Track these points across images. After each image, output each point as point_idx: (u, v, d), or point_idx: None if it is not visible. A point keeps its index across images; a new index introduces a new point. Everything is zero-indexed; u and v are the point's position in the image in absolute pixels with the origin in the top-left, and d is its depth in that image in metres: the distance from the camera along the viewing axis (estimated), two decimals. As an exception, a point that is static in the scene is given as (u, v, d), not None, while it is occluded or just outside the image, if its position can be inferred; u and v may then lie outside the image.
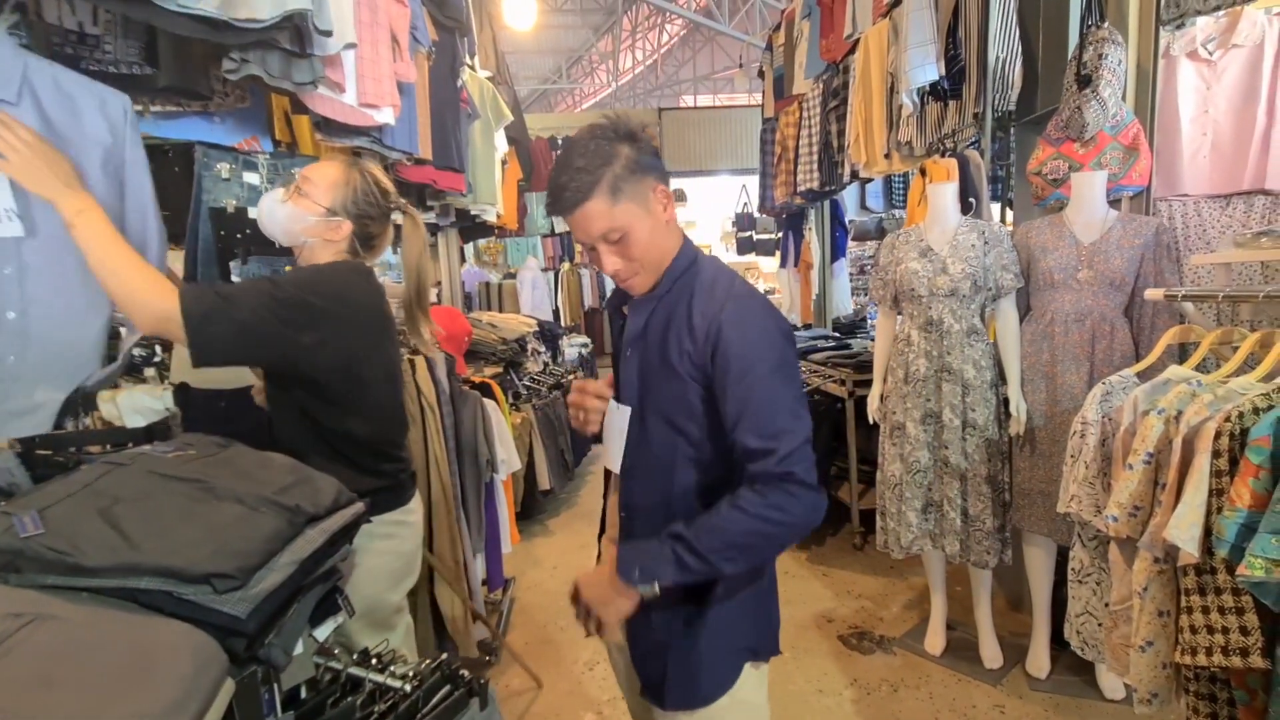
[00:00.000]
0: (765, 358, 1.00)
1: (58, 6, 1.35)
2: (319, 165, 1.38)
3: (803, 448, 0.99)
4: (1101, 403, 1.60)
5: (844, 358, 3.57)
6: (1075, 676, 2.25)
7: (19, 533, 0.75)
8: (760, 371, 1.00)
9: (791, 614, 2.81)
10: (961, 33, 2.63)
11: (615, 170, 1.00)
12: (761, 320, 1.04)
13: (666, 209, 1.08)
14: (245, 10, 1.30)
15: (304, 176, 1.35)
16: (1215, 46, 2.33)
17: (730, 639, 1.10)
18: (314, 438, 1.27)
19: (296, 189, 1.34)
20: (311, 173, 1.36)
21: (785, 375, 1.02)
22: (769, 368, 1.00)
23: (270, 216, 1.36)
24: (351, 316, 1.26)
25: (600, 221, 1.02)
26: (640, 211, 1.03)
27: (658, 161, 1.06)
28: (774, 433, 0.98)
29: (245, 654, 0.77)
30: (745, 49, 11.02)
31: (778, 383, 1.00)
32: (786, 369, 1.03)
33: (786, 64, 4.58)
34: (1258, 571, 1.06)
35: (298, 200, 1.34)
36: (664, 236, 1.07)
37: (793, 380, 1.04)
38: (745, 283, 1.10)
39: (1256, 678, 1.19)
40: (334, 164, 1.38)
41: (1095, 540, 1.70)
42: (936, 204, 2.28)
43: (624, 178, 1.01)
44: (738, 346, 1.00)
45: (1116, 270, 2.04)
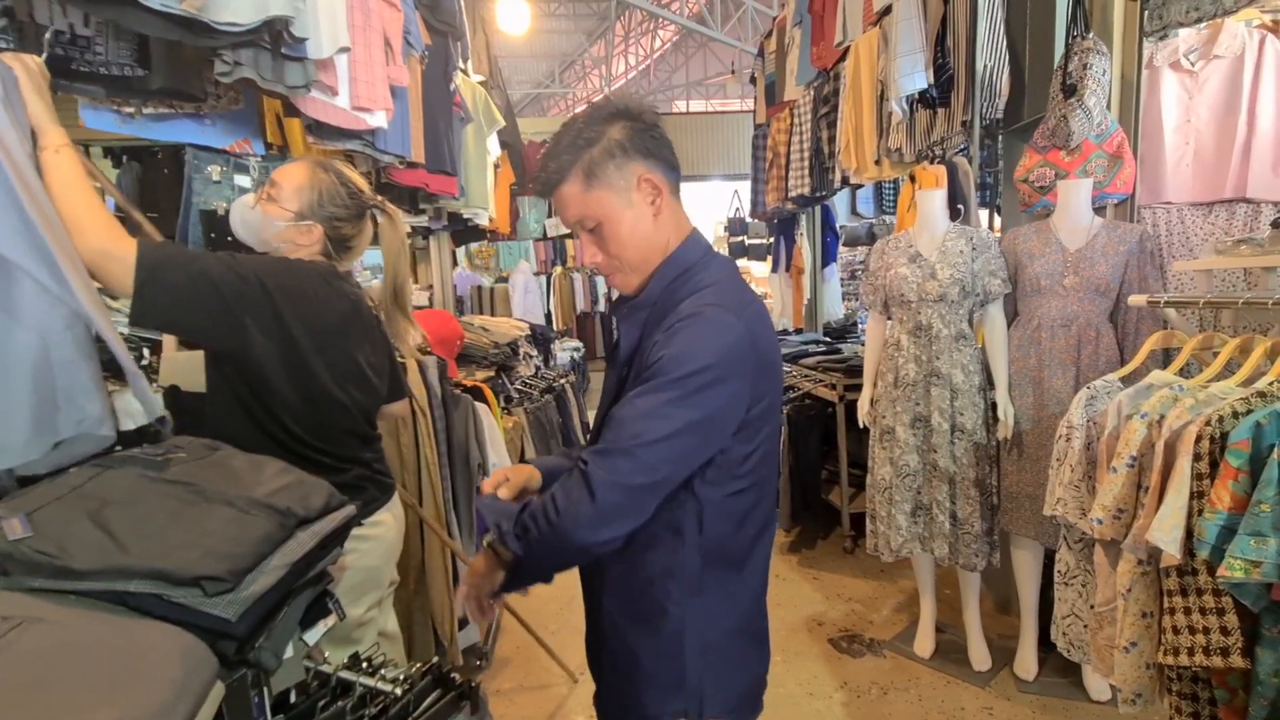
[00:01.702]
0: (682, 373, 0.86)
1: (49, 8, 1.34)
2: (286, 169, 1.36)
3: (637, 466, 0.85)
4: (1086, 407, 1.62)
5: (834, 362, 3.59)
6: (1062, 678, 2.27)
7: (7, 535, 0.74)
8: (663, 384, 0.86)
9: (782, 617, 2.82)
10: (950, 42, 2.67)
11: (593, 154, 0.91)
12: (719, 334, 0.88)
13: (655, 201, 0.94)
14: (226, 14, 1.30)
15: (272, 181, 1.33)
16: (1197, 58, 2.38)
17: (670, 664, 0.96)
18: (250, 427, 1.22)
19: (266, 194, 1.32)
20: (279, 177, 1.34)
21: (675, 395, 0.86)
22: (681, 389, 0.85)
23: (242, 223, 1.35)
24: (298, 311, 1.22)
25: (573, 208, 0.93)
26: (616, 201, 0.92)
27: (654, 146, 0.94)
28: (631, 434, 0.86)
29: (235, 657, 0.77)
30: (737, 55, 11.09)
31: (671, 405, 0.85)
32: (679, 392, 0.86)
33: (778, 70, 4.62)
34: (1237, 573, 1.08)
35: (267, 206, 1.31)
36: (649, 232, 0.95)
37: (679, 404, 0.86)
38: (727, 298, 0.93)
39: (1237, 677, 1.21)
40: (300, 166, 1.35)
41: (1081, 543, 1.72)
42: (926, 210, 2.31)
43: (600, 162, 0.91)
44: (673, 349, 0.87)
45: (1102, 276, 2.07)
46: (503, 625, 2.87)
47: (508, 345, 3.87)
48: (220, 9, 1.29)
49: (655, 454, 0.85)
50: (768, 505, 1.02)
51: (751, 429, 0.94)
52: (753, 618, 1.02)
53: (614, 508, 0.85)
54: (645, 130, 0.94)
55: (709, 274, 0.96)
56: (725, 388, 0.87)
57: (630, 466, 0.85)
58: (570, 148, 0.92)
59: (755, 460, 0.96)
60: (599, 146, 0.91)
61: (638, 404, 0.87)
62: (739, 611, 0.99)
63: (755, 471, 0.97)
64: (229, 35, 1.34)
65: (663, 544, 0.95)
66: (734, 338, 0.88)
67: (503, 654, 2.65)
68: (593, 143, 0.91)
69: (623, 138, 0.92)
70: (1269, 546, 1.07)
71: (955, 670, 2.39)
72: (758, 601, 1.02)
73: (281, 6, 1.37)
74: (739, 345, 0.89)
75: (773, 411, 0.98)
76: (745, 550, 0.98)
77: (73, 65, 1.47)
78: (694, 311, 0.90)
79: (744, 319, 0.91)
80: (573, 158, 0.92)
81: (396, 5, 2.14)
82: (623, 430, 0.86)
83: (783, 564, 3.35)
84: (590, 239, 0.96)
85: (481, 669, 2.53)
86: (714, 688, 0.96)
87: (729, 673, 0.98)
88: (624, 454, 0.85)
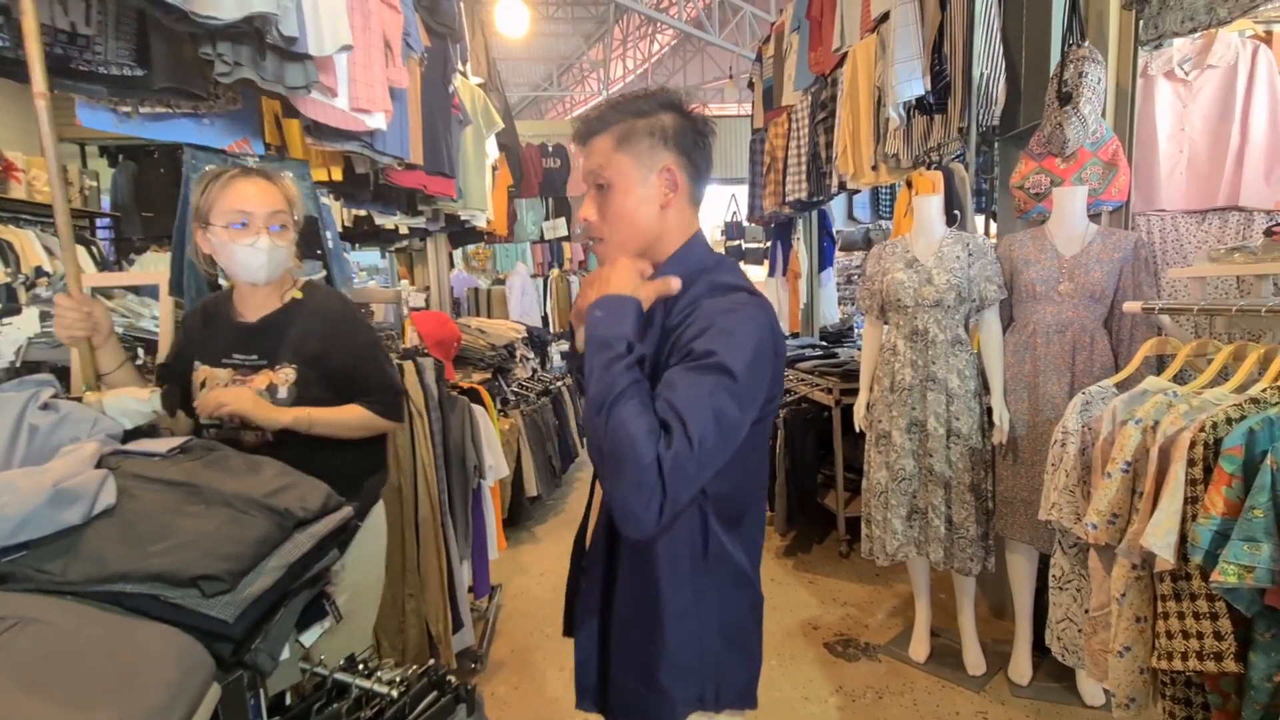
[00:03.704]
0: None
1: (50, 6, 1.34)
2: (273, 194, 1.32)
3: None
4: (1081, 412, 1.63)
5: (831, 366, 3.60)
6: (1056, 683, 2.28)
7: (3, 535, 0.74)
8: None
9: (778, 621, 2.82)
10: (947, 49, 2.68)
11: (637, 124, 0.95)
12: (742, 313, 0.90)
13: (668, 194, 0.96)
14: (206, 7, 1.31)
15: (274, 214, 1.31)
16: (1191, 67, 2.40)
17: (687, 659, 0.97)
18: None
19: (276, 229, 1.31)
20: (277, 201, 1.32)
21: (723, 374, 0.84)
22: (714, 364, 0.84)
23: (272, 265, 1.32)
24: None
25: (595, 158, 0.96)
26: (635, 174, 0.95)
27: (692, 149, 0.97)
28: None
29: (231, 659, 0.77)
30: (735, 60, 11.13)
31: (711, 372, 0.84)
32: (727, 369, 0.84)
33: (776, 76, 4.64)
34: (1230, 578, 1.09)
35: (285, 239, 1.33)
36: (649, 216, 0.96)
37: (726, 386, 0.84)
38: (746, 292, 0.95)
39: (1230, 681, 1.21)
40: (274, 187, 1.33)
41: (1075, 547, 1.72)
42: (922, 216, 2.32)
43: (639, 134, 0.95)
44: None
45: (1096, 283, 2.09)
46: (498, 628, 2.87)
47: (504, 347, 3.87)
48: (201, 1, 1.30)
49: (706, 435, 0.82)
50: (759, 492, 1.05)
51: (762, 416, 0.94)
52: (756, 607, 1.04)
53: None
54: (692, 131, 0.97)
55: (733, 276, 0.98)
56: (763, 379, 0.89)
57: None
58: (622, 109, 0.96)
59: (756, 451, 0.98)
60: (646, 120, 0.95)
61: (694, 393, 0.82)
62: (746, 599, 1.01)
63: (754, 463, 0.99)
64: (207, 26, 1.35)
65: (686, 528, 0.95)
66: (764, 332, 0.89)
67: (498, 657, 2.64)
68: (643, 115, 0.96)
69: (669, 126, 0.96)
70: (1262, 552, 1.08)
71: (950, 674, 2.39)
72: (758, 592, 1.05)
73: (264, 3, 1.37)
74: (766, 341, 0.89)
75: (773, 408, 0.98)
76: (749, 537, 1.01)
77: (72, 64, 1.46)
78: (732, 307, 0.90)
79: (767, 312, 0.93)
80: (619, 117, 0.96)
81: (396, 7, 2.14)
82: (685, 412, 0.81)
83: (778, 568, 3.35)
84: (595, 196, 0.98)
85: (477, 671, 2.52)
86: (730, 675, 0.98)
87: (741, 661, 1.00)
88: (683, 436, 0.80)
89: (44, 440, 0.90)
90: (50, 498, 0.75)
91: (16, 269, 3.34)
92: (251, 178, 1.31)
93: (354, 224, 3.99)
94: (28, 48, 1.14)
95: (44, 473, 0.79)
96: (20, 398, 0.92)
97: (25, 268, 3.36)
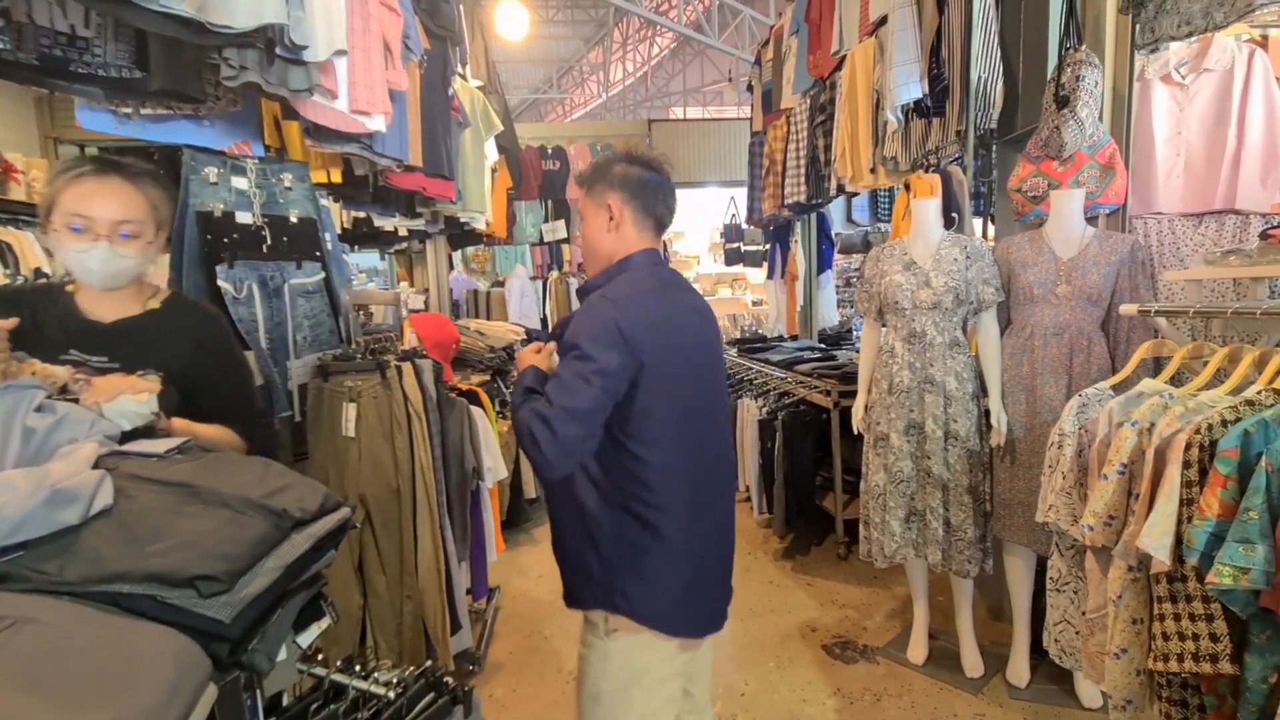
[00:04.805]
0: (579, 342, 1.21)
1: (49, 9, 1.34)
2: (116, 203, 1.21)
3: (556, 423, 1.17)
4: (1078, 415, 1.64)
5: (829, 369, 3.61)
6: (1054, 685, 2.28)
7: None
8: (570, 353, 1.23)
9: (776, 623, 2.82)
10: (945, 52, 2.69)
11: (598, 173, 1.35)
12: (593, 312, 1.24)
13: (614, 219, 1.34)
14: (221, 16, 1.31)
15: (120, 223, 1.21)
16: (1187, 70, 2.41)
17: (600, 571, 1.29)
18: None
19: (125, 238, 1.21)
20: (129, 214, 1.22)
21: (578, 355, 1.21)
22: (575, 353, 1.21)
23: (116, 274, 1.23)
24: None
25: (579, 197, 1.40)
26: (592, 207, 1.36)
27: (637, 189, 1.33)
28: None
29: (228, 659, 0.77)
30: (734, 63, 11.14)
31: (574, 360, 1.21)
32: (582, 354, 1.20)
33: (775, 79, 4.65)
34: (1226, 579, 1.09)
35: (139, 247, 1.24)
36: (600, 238, 1.35)
37: (582, 360, 1.20)
38: (627, 289, 1.27)
39: (1226, 683, 1.22)
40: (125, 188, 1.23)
41: (1072, 549, 1.73)
42: (920, 218, 2.33)
43: (598, 180, 1.35)
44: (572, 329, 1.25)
45: (1094, 285, 2.09)
46: (495, 630, 2.87)
47: (503, 349, 3.87)
48: (216, 10, 1.30)
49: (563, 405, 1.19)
50: (693, 470, 1.30)
51: (647, 392, 1.23)
52: (662, 546, 1.27)
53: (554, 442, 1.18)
54: (639, 177, 1.34)
55: (625, 276, 1.32)
56: (598, 348, 1.19)
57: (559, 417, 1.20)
58: (601, 165, 1.38)
59: (659, 422, 1.24)
60: (603, 171, 1.36)
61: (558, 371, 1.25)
62: (658, 546, 1.26)
63: (662, 433, 1.25)
64: (222, 36, 1.35)
65: (587, 485, 1.28)
66: (607, 317, 1.22)
67: (495, 659, 2.64)
68: (605, 167, 1.36)
69: (617, 173, 1.34)
70: (1257, 553, 1.08)
71: (948, 677, 2.39)
72: (687, 546, 1.29)
73: (276, 14, 1.38)
74: (607, 324, 1.21)
75: (675, 383, 1.26)
76: (664, 500, 1.26)
77: (71, 66, 1.47)
78: (588, 307, 1.27)
79: (631, 306, 1.24)
80: (591, 172, 1.38)
81: (396, 10, 2.15)
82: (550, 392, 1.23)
83: (776, 570, 3.35)
84: (580, 222, 1.39)
85: (474, 673, 2.52)
86: (632, 595, 1.26)
87: (641, 585, 1.26)
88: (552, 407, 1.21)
89: (42, 442, 0.90)
90: (48, 498, 0.75)
91: (16, 270, 3.35)
92: (105, 178, 1.21)
93: (353, 226, 4.00)
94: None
95: (42, 473, 0.79)
96: (10, 400, 0.92)
97: (25, 269, 3.37)
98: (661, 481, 1.25)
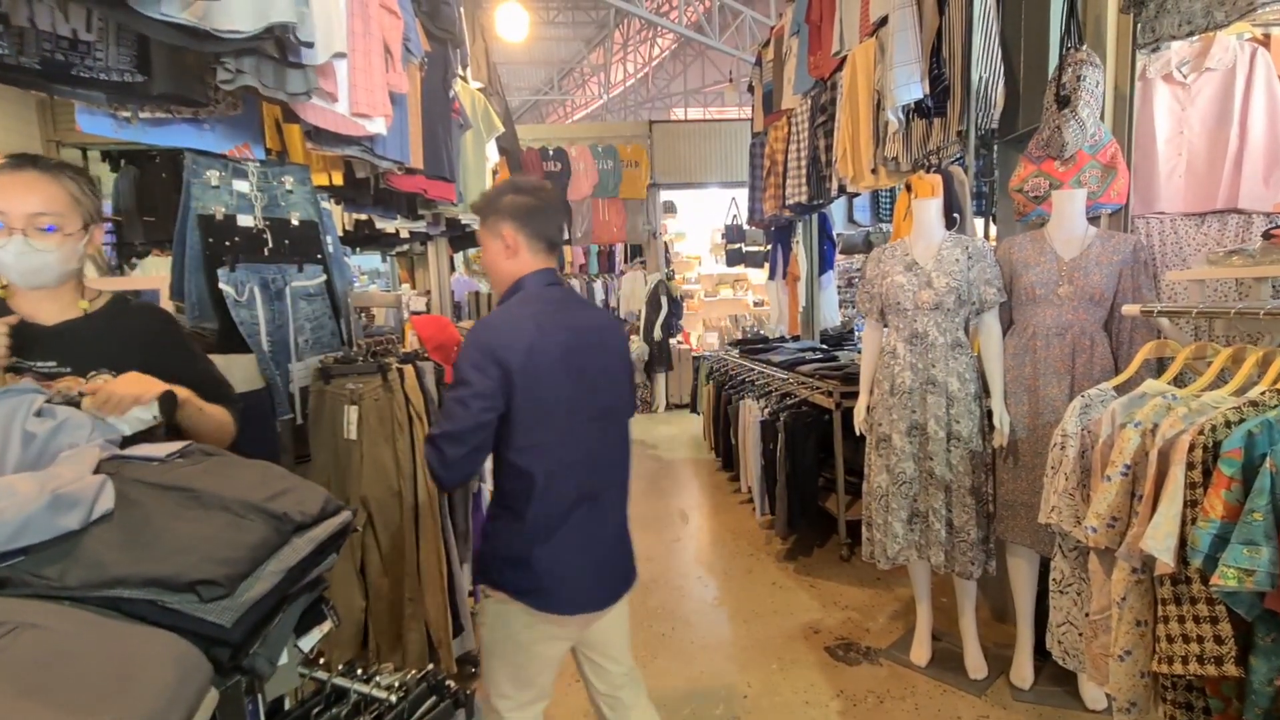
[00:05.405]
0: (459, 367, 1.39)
1: (51, 13, 1.35)
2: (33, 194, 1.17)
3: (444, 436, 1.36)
4: (1081, 415, 1.63)
5: (831, 369, 3.60)
6: (1058, 687, 2.27)
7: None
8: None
9: (779, 625, 2.81)
10: (945, 52, 2.69)
11: (489, 205, 1.49)
12: (470, 338, 1.41)
13: (509, 248, 1.47)
14: (226, 21, 1.31)
15: (35, 215, 1.16)
16: (1189, 70, 2.40)
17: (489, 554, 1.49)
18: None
19: (40, 231, 1.17)
20: (46, 206, 1.17)
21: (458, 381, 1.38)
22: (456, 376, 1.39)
23: (33, 269, 1.18)
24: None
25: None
26: (488, 235, 1.49)
27: (526, 217, 1.46)
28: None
29: (229, 663, 0.77)
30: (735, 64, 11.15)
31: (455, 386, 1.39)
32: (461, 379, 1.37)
33: (775, 79, 4.65)
34: (1230, 581, 1.09)
35: (61, 239, 1.19)
36: (498, 264, 1.50)
37: (461, 386, 1.37)
38: (501, 315, 1.43)
39: (1231, 686, 1.21)
40: (41, 180, 1.18)
41: (1076, 551, 1.72)
42: (921, 219, 2.32)
43: (489, 212, 1.48)
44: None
45: (1096, 286, 2.09)
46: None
47: (505, 351, 3.87)
48: (221, 16, 1.30)
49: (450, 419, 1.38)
50: (576, 474, 1.44)
51: (521, 405, 1.37)
52: (541, 547, 1.44)
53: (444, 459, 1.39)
54: (527, 205, 1.47)
55: (518, 295, 1.47)
56: (473, 372, 1.36)
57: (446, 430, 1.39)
58: (491, 197, 1.51)
59: (532, 431, 1.39)
60: (494, 203, 1.49)
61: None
62: (524, 539, 1.43)
63: (538, 440, 1.40)
64: (232, 42, 1.35)
65: (498, 480, 1.48)
66: (481, 342, 1.38)
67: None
68: (495, 200, 1.49)
69: (505, 205, 1.47)
70: (1262, 555, 1.08)
71: (952, 679, 2.39)
72: (563, 540, 1.45)
73: (283, 13, 1.38)
74: (481, 349, 1.37)
75: (551, 395, 1.40)
76: (539, 505, 1.42)
77: (73, 71, 1.47)
78: (465, 337, 1.48)
79: (499, 330, 1.39)
80: (484, 204, 1.51)
81: (396, 12, 2.15)
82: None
83: (779, 571, 3.35)
84: (481, 250, 1.56)
85: (477, 676, 2.51)
86: (510, 577, 1.46)
87: (515, 569, 1.45)
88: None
89: (43, 447, 0.90)
90: (49, 503, 0.75)
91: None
92: (19, 172, 1.17)
93: (354, 228, 4.00)
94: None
95: (43, 478, 0.79)
96: (10, 405, 0.91)
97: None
98: (541, 485, 1.40)
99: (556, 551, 1.45)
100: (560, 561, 1.45)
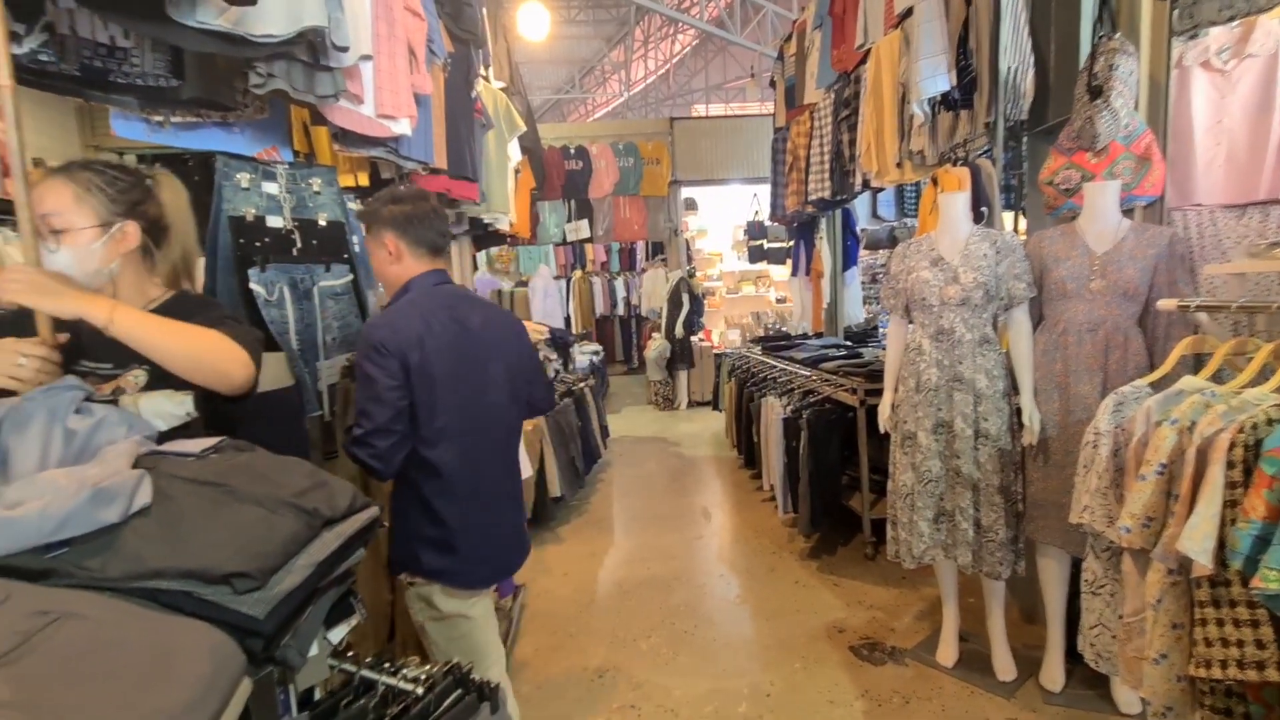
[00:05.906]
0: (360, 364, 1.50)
1: (91, 21, 1.39)
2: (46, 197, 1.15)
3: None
4: (1114, 413, 1.59)
5: (855, 366, 3.56)
6: (1090, 690, 2.22)
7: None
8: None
9: (802, 624, 2.80)
10: (972, 43, 2.64)
11: (372, 214, 1.60)
12: (363, 340, 1.50)
13: (392, 255, 1.58)
14: (261, 26, 1.33)
15: (44, 217, 1.14)
16: (1229, 56, 2.32)
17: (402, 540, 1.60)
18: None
19: (48, 230, 1.14)
20: (50, 207, 1.15)
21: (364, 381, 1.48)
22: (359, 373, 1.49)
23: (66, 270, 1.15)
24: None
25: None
26: (374, 244, 1.60)
27: (407, 226, 1.57)
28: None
29: (262, 654, 0.79)
30: (757, 59, 11.08)
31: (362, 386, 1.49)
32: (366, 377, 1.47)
33: (798, 74, 4.60)
34: (1272, 584, 1.05)
35: (66, 239, 1.15)
36: (390, 269, 1.61)
37: (369, 383, 1.47)
38: (389, 313, 1.54)
39: (1273, 691, 1.17)
40: (54, 182, 1.17)
41: (1108, 551, 1.68)
42: (948, 213, 2.29)
43: (372, 220, 1.60)
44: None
45: (1130, 280, 2.03)
46: (521, 628, 2.89)
47: (527, 349, 3.90)
48: (255, 22, 1.32)
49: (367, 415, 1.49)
50: (471, 459, 1.57)
51: (423, 400, 1.50)
52: (442, 534, 1.57)
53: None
54: (405, 214, 1.57)
55: (407, 297, 1.57)
56: (374, 369, 1.46)
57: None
58: (374, 207, 1.60)
59: (430, 419, 1.51)
60: (376, 214, 1.59)
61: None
62: (426, 525, 1.56)
63: (436, 428, 1.52)
64: (266, 46, 1.37)
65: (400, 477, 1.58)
66: (375, 340, 1.48)
67: (521, 656, 2.67)
68: (377, 210, 1.59)
69: (385, 215, 1.57)
70: (1306, 558, 1.04)
71: (979, 680, 2.35)
72: (453, 528, 1.57)
73: (315, 16, 1.40)
74: (376, 346, 1.47)
75: (442, 385, 1.52)
76: (440, 489, 1.55)
77: (111, 77, 1.51)
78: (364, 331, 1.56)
79: (389, 327, 1.50)
80: (367, 215, 1.61)
81: (420, 14, 2.18)
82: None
83: (802, 570, 3.33)
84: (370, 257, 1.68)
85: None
86: (423, 559, 1.58)
87: (420, 555, 1.58)
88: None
89: (84, 443, 0.93)
90: (90, 496, 0.78)
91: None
92: (44, 180, 1.17)
93: (380, 228, 4.05)
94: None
95: (84, 472, 0.82)
96: (52, 403, 0.95)
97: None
98: (446, 472, 1.53)
99: (466, 531, 1.58)
100: (473, 540, 1.59)
